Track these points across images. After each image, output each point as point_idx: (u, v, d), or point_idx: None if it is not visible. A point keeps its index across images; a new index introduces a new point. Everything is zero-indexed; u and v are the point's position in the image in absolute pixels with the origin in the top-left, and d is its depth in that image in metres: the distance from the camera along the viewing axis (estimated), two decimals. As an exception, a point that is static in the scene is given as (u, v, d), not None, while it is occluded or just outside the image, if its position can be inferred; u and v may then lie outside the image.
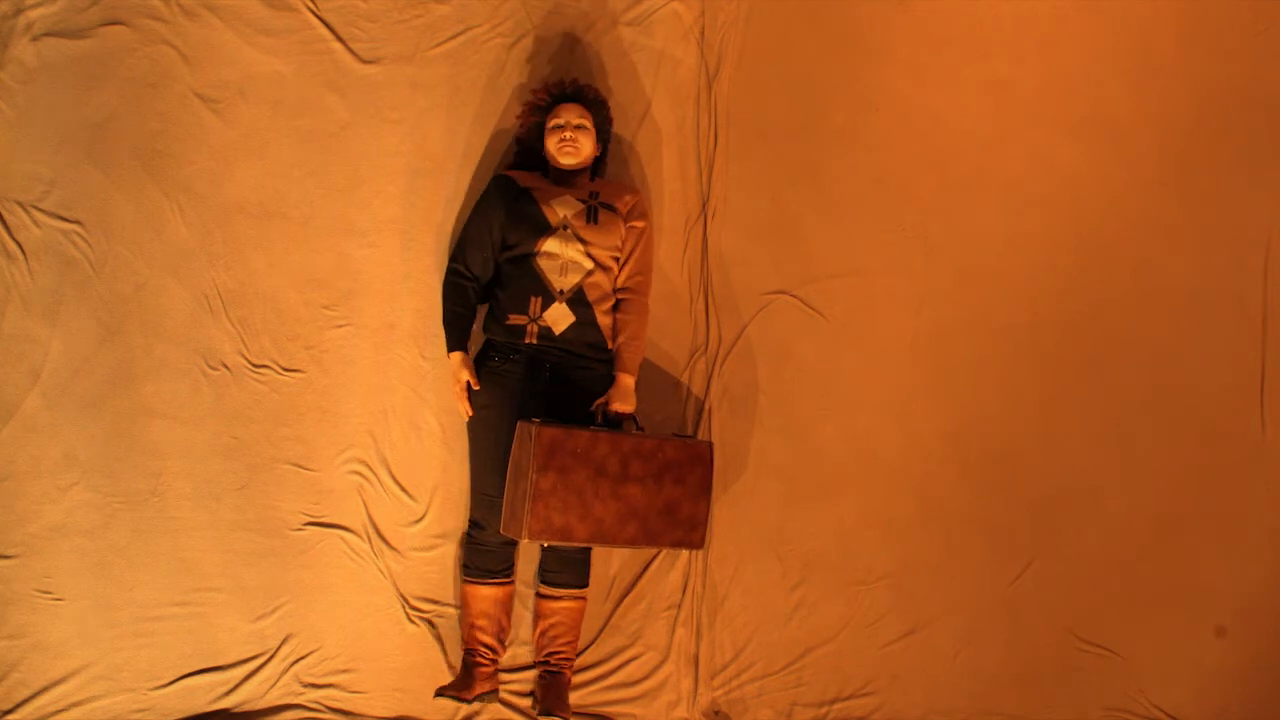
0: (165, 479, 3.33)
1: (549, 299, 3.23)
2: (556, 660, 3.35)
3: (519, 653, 3.45)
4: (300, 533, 3.39)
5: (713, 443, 3.35)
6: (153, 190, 3.34)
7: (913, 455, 3.59)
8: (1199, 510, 3.63)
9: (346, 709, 3.40)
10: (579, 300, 3.24)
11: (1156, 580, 3.62)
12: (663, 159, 3.54)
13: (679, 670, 3.53)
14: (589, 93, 3.35)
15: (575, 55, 3.50)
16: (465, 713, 3.41)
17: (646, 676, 3.52)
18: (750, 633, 3.55)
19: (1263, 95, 3.65)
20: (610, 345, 3.31)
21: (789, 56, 3.58)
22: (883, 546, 3.58)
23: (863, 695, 3.57)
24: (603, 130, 3.38)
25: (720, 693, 3.55)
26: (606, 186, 3.37)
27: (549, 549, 3.30)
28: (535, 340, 3.23)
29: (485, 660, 3.33)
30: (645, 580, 3.52)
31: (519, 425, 3.11)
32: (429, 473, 3.43)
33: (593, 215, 3.28)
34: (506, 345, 3.26)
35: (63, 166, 3.30)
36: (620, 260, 3.32)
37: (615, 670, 3.50)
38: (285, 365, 3.39)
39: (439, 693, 3.28)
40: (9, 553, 3.27)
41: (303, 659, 3.38)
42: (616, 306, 3.32)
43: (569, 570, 3.33)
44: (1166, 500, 3.63)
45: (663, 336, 3.52)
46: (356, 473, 3.41)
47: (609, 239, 3.28)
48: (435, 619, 3.43)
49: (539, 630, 3.38)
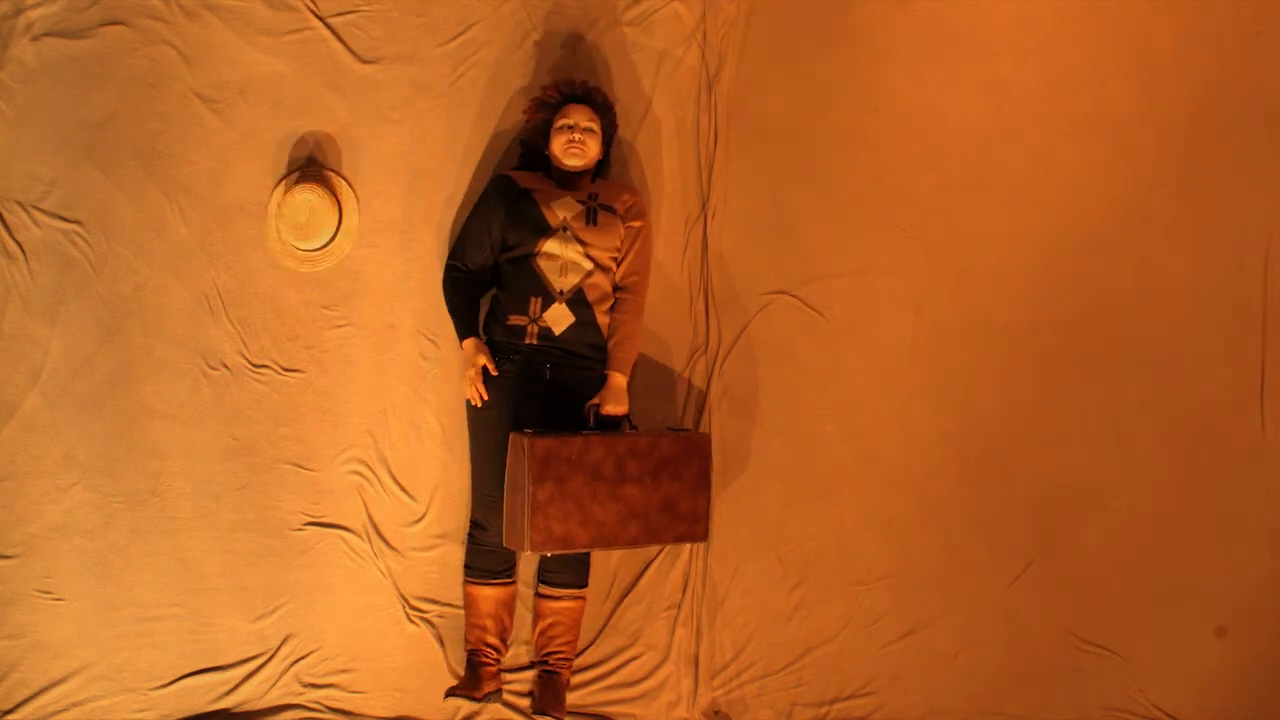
0: (165, 479, 3.34)
1: (549, 299, 3.23)
2: (555, 660, 3.35)
3: (519, 653, 3.45)
4: (300, 533, 3.39)
5: (709, 434, 3.34)
6: (153, 190, 3.34)
7: (913, 455, 3.59)
8: (1199, 510, 3.63)
9: (346, 709, 3.40)
10: (579, 301, 3.24)
11: (1156, 580, 3.61)
12: (663, 159, 3.54)
13: (679, 670, 3.53)
14: (599, 96, 3.35)
15: (576, 55, 3.50)
16: (465, 713, 3.41)
17: (646, 676, 3.51)
18: (750, 633, 3.55)
19: (1263, 95, 3.64)
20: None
21: (789, 56, 3.58)
22: (883, 546, 3.58)
23: (863, 695, 3.57)
24: (608, 135, 3.38)
25: (720, 693, 3.55)
26: (606, 188, 3.37)
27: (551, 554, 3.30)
28: (535, 341, 3.23)
29: (490, 660, 3.33)
30: (645, 580, 3.52)
31: (511, 437, 3.10)
32: (429, 473, 3.43)
33: (592, 216, 3.28)
34: (507, 346, 3.26)
35: (63, 166, 3.30)
36: (618, 260, 3.32)
37: (615, 670, 3.50)
38: (285, 365, 3.39)
39: (450, 694, 3.29)
40: (9, 553, 3.28)
41: (303, 659, 3.39)
42: (613, 306, 3.32)
43: (569, 570, 3.33)
44: (1166, 500, 3.62)
45: (663, 336, 3.52)
46: (356, 473, 3.41)
47: (608, 240, 3.28)
48: (435, 619, 3.43)
49: (538, 630, 3.38)
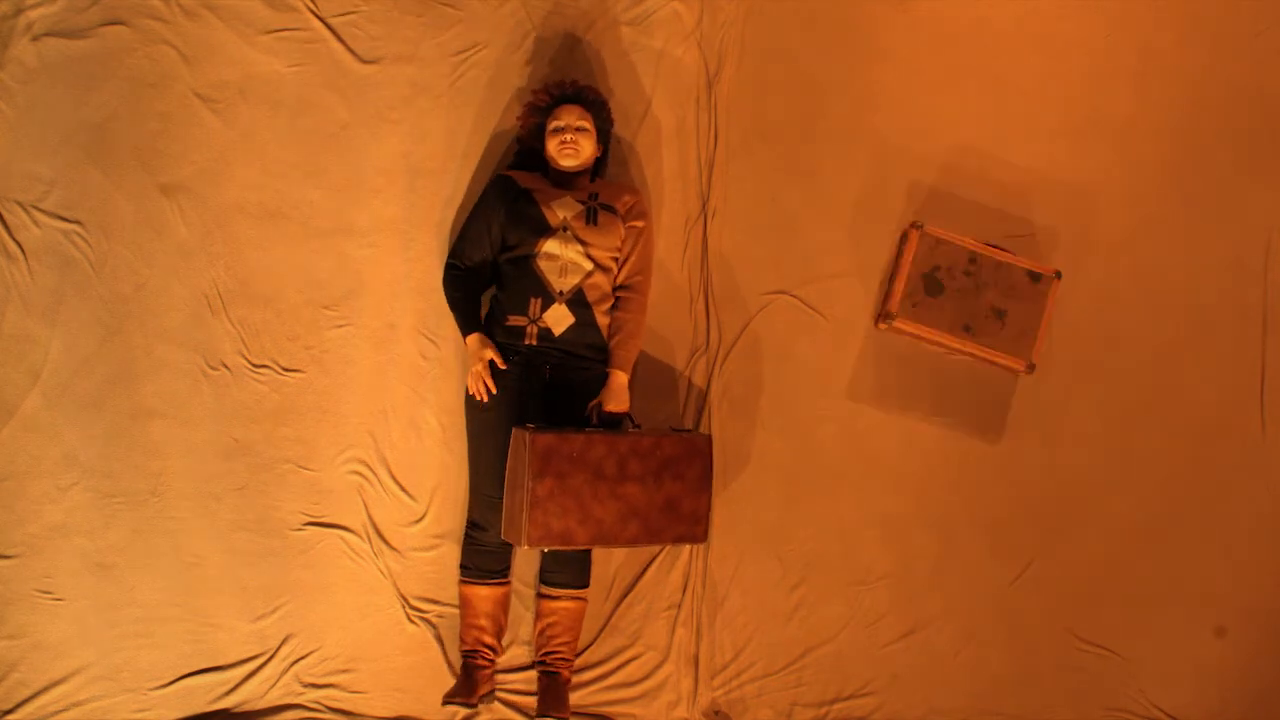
0: (165, 479, 3.34)
1: (549, 300, 3.23)
2: (554, 660, 3.35)
3: (519, 652, 3.45)
4: (300, 533, 3.39)
5: (710, 435, 3.34)
6: (153, 190, 3.34)
7: (913, 455, 3.59)
8: (1199, 510, 3.63)
9: (346, 709, 3.40)
10: (579, 301, 3.24)
11: (1156, 580, 3.62)
12: (663, 159, 3.54)
13: (679, 670, 3.53)
14: (589, 94, 3.35)
15: (575, 55, 3.50)
16: (465, 713, 3.41)
17: (646, 676, 3.52)
18: (750, 633, 3.55)
19: (1263, 95, 3.65)
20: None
21: (789, 56, 3.58)
22: (883, 546, 3.59)
23: (863, 695, 3.57)
24: (603, 131, 3.37)
25: (720, 693, 3.55)
26: (606, 187, 3.37)
27: (549, 549, 3.30)
28: (535, 341, 3.23)
29: (485, 661, 3.33)
30: (645, 580, 3.52)
31: (514, 433, 3.11)
32: (429, 473, 3.43)
33: (592, 216, 3.28)
34: (506, 346, 3.25)
35: (63, 166, 3.30)
36: (620, 260, 3.32)
37: (615, 670, 3.50)
38: (285, 365, 3.39)
39: (446, 700, 3.27)
40: (9, 553, 3.28)
41: (303, 659, 3.39)
42: (615, 305, 3.32)
43: (569, 570, 3.33)
44: (1166, 500, 3.63)
45: (664, 336, 3.52)
46: (356, 473, 3.41)
47: (608, 240, 3.28)
48: (435, 619, 3.43)
49: (538, 629, 3.38)
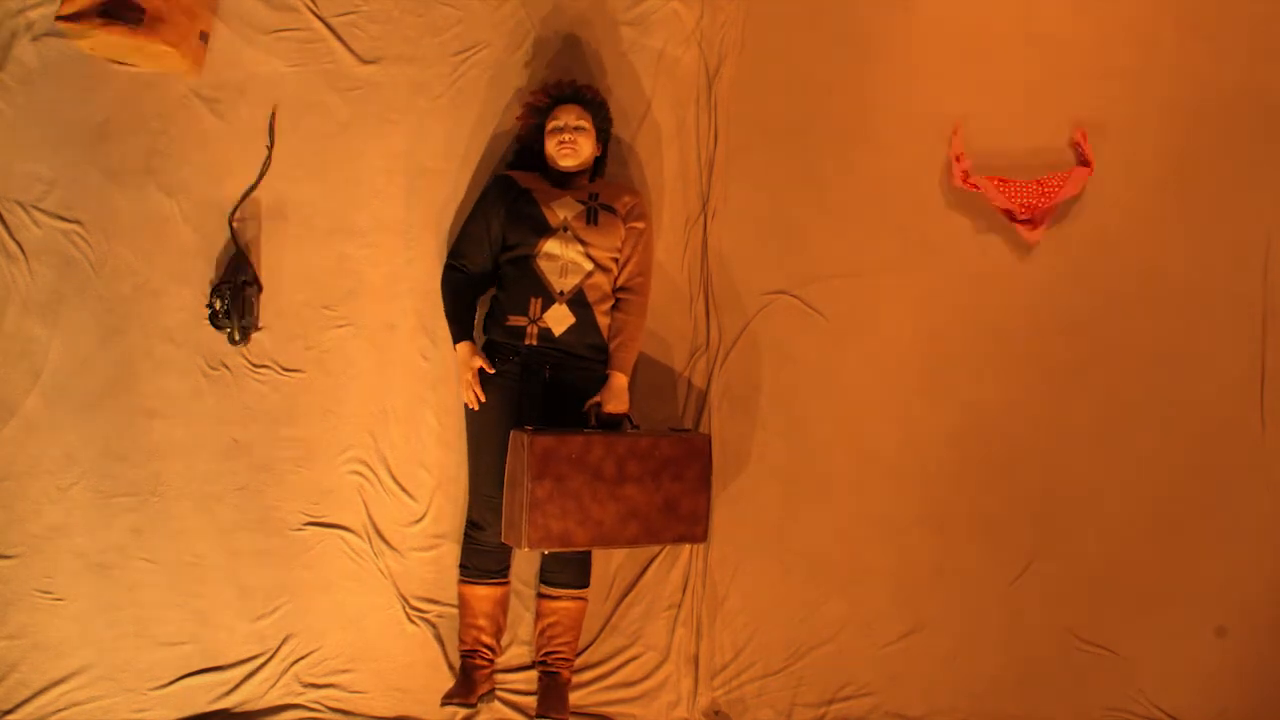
0: (165, 479, 3.34)
1: (549, 300, 3.23)
2: (554, 660, 3.35)
3: (519, 652, 3.45)
4: (300, 533, 3.39)
5: (709, 435, 3.34)
6: (153, 190, 3.34)
7: (913, 455, 3.59)
8: (1199, 510, 3.62)
9: (346, 709, 3.40)
10: (579, 301, 3.24)
11: (1156, 580, 3.61)
12: (663, 159, 3.54)
13: (679, 670, 3.53)
14: (587, 94, 3.35)
15: (575, 55, 3.50)
16: (465, 713, 3.40)
17: (646, 676, 3.51)
18: (750, 633, 3.55)
19: (1263, 95, 3.64)
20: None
21: (789, 56, 3.58)
22: (883, 546, 3.58)
23: (862, 695, 3.57)
24: (602, 131, 3.37)
25: (720, 693, 3.55)
26: (606, 188, 3.37)
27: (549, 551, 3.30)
28: (535, 342, 3.23)
29: (484, 661, 3.33)
30: (645, 580, 3.52)
31: (512, 434, 3.10)
32: (429, 473, 3.43)
33: (592, 216, 3.28)
34: (506, 347, 3.25)
35: (63, 166, 3.30)
36: (620, 261, 3.32)
37: (615, 670, 3.50)
38: (285, 365, 3.39)
39: (445, 701, 3.27)
40: (9, 553, 3.28)
41: (303, 659, 3.39)
42: (615, 306, 3.32)
43: (569, 571, 3.33)
44: (1166, 500, 3.62)
45: (663, 336, 3.52)
46: (356, 473, 3.41)
47: (609, 240, 3.28)
48: (435, 619, 3.43)
49: (538, 629, 3.38)
